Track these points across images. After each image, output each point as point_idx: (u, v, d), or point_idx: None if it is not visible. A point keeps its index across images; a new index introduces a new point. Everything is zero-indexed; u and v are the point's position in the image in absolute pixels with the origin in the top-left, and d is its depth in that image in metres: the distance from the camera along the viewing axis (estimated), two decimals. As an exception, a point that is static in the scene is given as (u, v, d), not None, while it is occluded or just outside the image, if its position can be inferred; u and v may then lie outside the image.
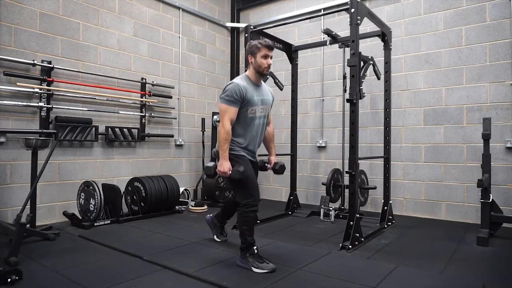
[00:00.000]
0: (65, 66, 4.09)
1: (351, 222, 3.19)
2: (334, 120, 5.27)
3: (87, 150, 4.36)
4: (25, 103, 3.74)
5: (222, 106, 2.59)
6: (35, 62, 3.79)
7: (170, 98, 5.31)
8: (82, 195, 3.93)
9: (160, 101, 5.18)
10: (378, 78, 4.30)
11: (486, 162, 3.46)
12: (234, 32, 6.49)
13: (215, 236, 3.31)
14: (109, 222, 3.92)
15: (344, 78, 4.48)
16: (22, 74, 3.71)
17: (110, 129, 4.47)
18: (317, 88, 5.47)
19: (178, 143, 5.47)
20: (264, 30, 4.36)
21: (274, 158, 3.02)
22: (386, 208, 4.01)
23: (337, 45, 4.59)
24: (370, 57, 4.01)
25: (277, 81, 4.65)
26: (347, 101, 3.30)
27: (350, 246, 3.09)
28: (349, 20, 3.29)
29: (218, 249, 3.06)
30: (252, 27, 4.15)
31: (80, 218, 3.88)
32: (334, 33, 4.30)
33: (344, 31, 4.80)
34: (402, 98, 4.72)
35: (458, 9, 4.35)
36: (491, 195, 3.41)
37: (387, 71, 4.13)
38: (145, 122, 4.95)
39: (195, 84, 5.83)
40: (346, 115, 4.51)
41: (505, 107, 4.04)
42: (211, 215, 3.32)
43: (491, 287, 2.31)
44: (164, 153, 5.30)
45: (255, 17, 6.28)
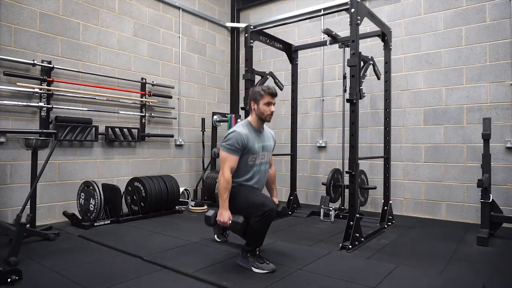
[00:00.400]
0: (65, 66, 4.09)
1: (351, 222, 3.19)
2: (334, 120, 5.27)
3: (87, 150, 4.36)
4: (25, 103, 3.74)
5: (223, 154, 2.57)
6: (35, 62, 3.79)
7: (170, 98, 5.31)
8: (82, 195, 3.93)
9: (160, 101, 5.18)
10: (378, 78, 4.30)
11: (486, 162, 3.46)
12: (234, 32, 6.49)
13: (216, 236, 3.31)
14: (109, 222, 3.92)
15: (344, 78, 4.47)
16: (22, 74, 3.71)
17: (110, 129, 4.47)
18: (317, 88, 5.47)
19: (178, 143, 5.47)
20: (264, 30, 4.36)
21: (276, 200, 2.97)
22: (386, 208, 4.01)
23: (337, 45, 4.59)
24: (370, 57, 4.01)
25: (277, 81, 4.65)
26: (347, 101, 3.30)
27: (350, 246, 3.09)
28: (349, 20, 3.29)
29: (218, 249, 3.06)
30: (252, 27, 4.15)
31: (80, 218, 3.88)
32: (334, 33, 4.30)
33: (344, 31, 4.80)
34: (402, 98, 4.72)
35: (458, 9, 4.35)
36: (491, 195, 3.41)
37: (387, 71, 4.13)
38: (145, 122, 4.95)
39: (195, 84, 5.83)
40: (346, 115, 4.51)
41: (505, 107, 4.04)
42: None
43: (491, 287, 2.31)
44: (164, 153, 5.30)
45: (255, 17, 6.28)
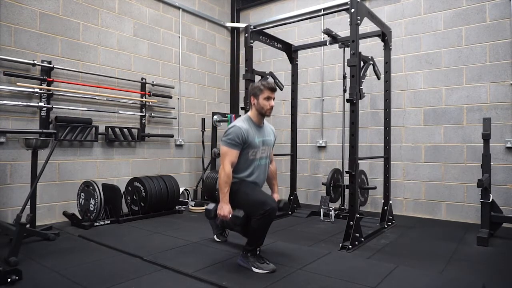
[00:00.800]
0: (65, 66, 4.09)
1: (351, 222, 3.19)
2: (334, 120, 5.27)
3: (87, 150, 4.36)
4: (25, 103, 3.74)
5: (223, 149, 2.59)
6: (35, 62, 3.79)
7: (170, 98, 5.31)
8: (82, 195, 3.93)
9: (160, 101, 5.18)
10: (378, 78, 4.30)
11: (486, 162, 3.46)
12: (234, 32, 6.49)
13: (215, 236, 3.31)
14: (109, 222, 3.91)
15: (344, 78, 4.47)
16: (22, 74, 3.71)
17: (110, 129, 4.47)
18: (317, 88, 5.47)
19: (178, 143, 5.47)
20: (264, 30, 4.36)
21: (277, 196, 2.97)
22: (386, 208, 4.01)
23: (337, 45, 4.59)
24: (370, 57, 4.01)
25: (277, 81, 4.65)
26: (347, 101, 3.30)
27: (350, 246, 3.09)
28: (349, 20, 3.29)
29: (218, 249, 3.06)
30: (252, 27, 4.15)
31: (80, 218, 3.88)
32: (334, 33, 4.30)
33: (344, 31, 4.80)
34: (402, 98, 4.72)
35: (458, 9, 4.35)
36: (491, 195, 3.41)
37: (387, 71, 4.13)
38: (145, 122, 4.95)
39: (195, 84, 5.83)
40: (346, 115, 4.51)
41: (505, 107, 4.04)
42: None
43: (491, 287, 2.31)
44: (164, 153, 5.30)
45: (255, 17, 6.28)
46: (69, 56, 4.17)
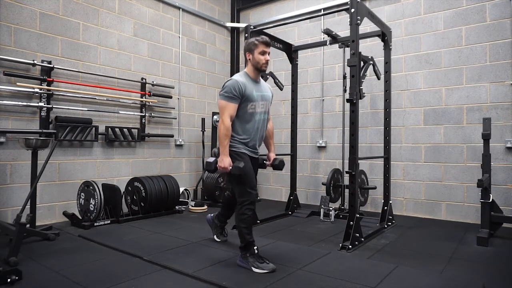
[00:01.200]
0: (65, 66, 4.09)
1: (351, 222, 3.19)
2: (334, 120, 5.27)
3: (87, 150, 4.36)
4: (25, 103, 3.74)
5: (221, 102, 2.60)
6: (35, 62, 3.79)
7: (170, 98, 5.31)
8: (82, 195, 3.93)
9: (160, 101, 5.18)
10: (378, 78, 4.30)
11: (486, 162, 3.46)
12: (234, 32, 6.49)
13: (215, 236, 3.31)
14: (109, 222, 3.92)
15: (344, 78, 4.47)
16: (22, 74, 3.71)
17: (110, 129, 4.47)
18: (317, 88, 5.47)
19: (178, 143, 5.47)
20: (264, 30, 4.36)
21: (274, 155, 3.03)
22: (386, 208, 4.01)
23: (337, 45, 4.59)
24: (370, 57, 4.01)
25: (277, 81, 4.65)
26: (347, 101, 3.30)
27: (350, 246, 3.09)
28: (349, 20, 3.29)
29: (218, 249, 3.06)
30: (252, 27, 4.15)
31: (80, 218, 3.88)
32: (334, 33, 4.30)
33: (344, 31, 4.80)
34: (402, 98, 4.72)
35: (458, 9, 4.35)
36: (491, 195, 3.41)
37: (387, 71, 4.13)
38: (145, 122, 4.95)
39: (195, 84, 5.83)
40: (346, 115, 4.51)
41: (505, 107, 4.04)
42: (212, 215, 3.33)
43: (491, 287, 2.31)
44: (164, 153, 5.30)
45: (255, 17, 6.28)
46: (69, 56, 4.17)
